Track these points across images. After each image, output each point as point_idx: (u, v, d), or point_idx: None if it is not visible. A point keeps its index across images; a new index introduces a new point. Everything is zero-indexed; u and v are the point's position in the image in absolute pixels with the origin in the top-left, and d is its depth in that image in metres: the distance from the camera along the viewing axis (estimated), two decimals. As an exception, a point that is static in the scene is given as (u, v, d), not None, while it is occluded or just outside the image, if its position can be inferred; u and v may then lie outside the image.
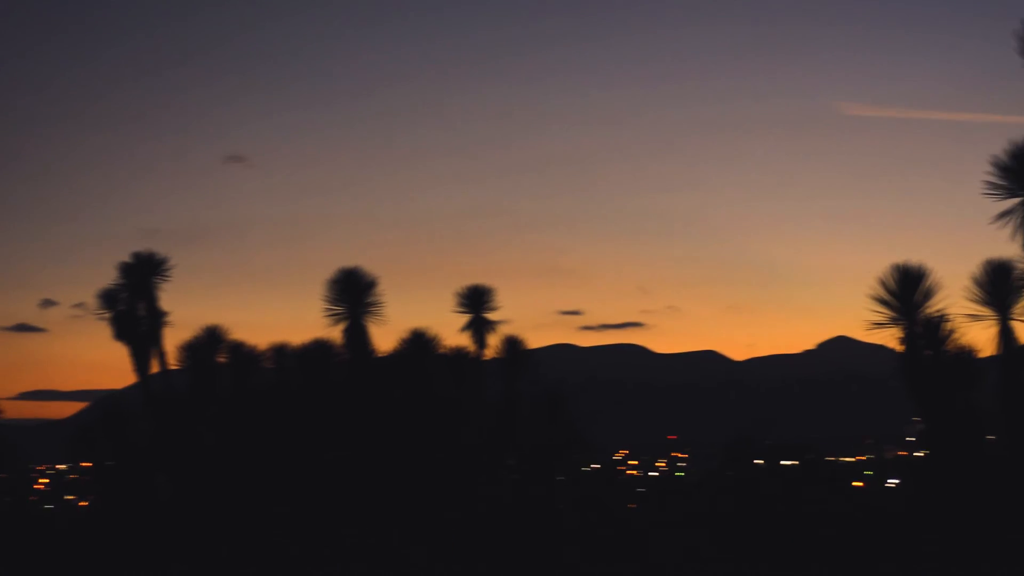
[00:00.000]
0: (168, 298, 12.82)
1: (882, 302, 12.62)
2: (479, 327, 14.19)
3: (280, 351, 13.31)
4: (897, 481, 23.29)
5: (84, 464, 13.14)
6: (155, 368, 12.67)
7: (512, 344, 14.52)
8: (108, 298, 12.72)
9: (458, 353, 14.08)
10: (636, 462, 60.31)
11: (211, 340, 12.82)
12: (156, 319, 12.76)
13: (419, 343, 13.50)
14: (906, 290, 12.70)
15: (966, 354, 12.57)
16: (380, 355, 13.25)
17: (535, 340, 15.03)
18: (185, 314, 12.95)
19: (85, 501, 13.77)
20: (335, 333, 13.08)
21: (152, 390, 12.57)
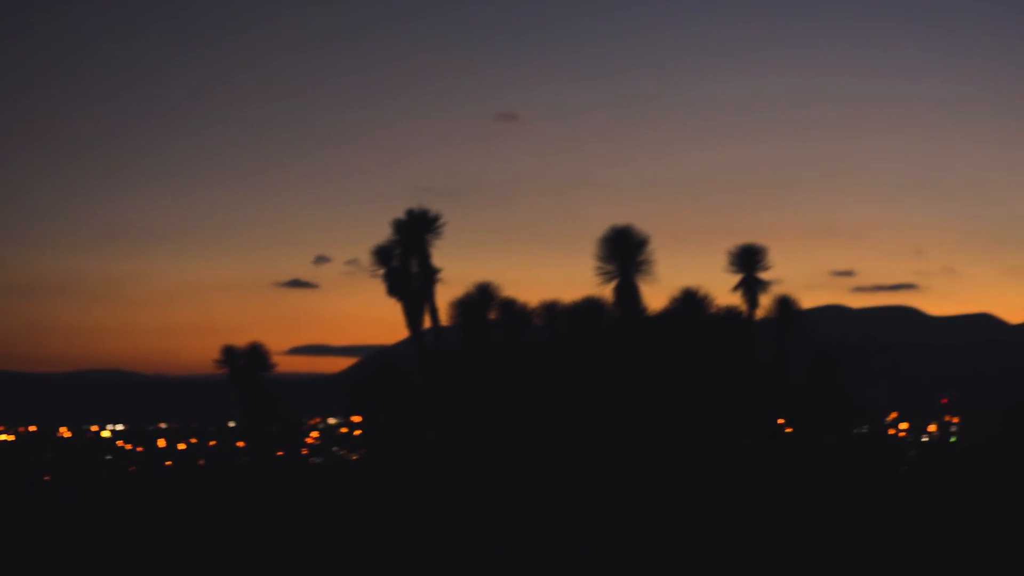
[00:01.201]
0: (440, 255, 12.81)
1: None
2: (750, 287, 13.88)
3: (551, 309, 13.23)
4: None
5: (355, 419, 13.26)
6: (427, 324, 12.69)
7: (784, 304, 14.17)
8: (381, 254, 12.78)
9: (729, 313, 13.81)
10: (907, 425, 59.31)
11: (482, 297, 12.79)
12: (428, 276, 12.77)
13: (690, 302, 13.28)
14: None
15: None
16: (651, 314, 13.08)
17: (807, 300, 14.71)
18: (457, 271, 12.94)
19: (355, 455, 13.94)
20: (605, 291, 12.96)
21: (424, 346, 12.59)
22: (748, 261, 13.95)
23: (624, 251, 12.94)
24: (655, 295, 12.99)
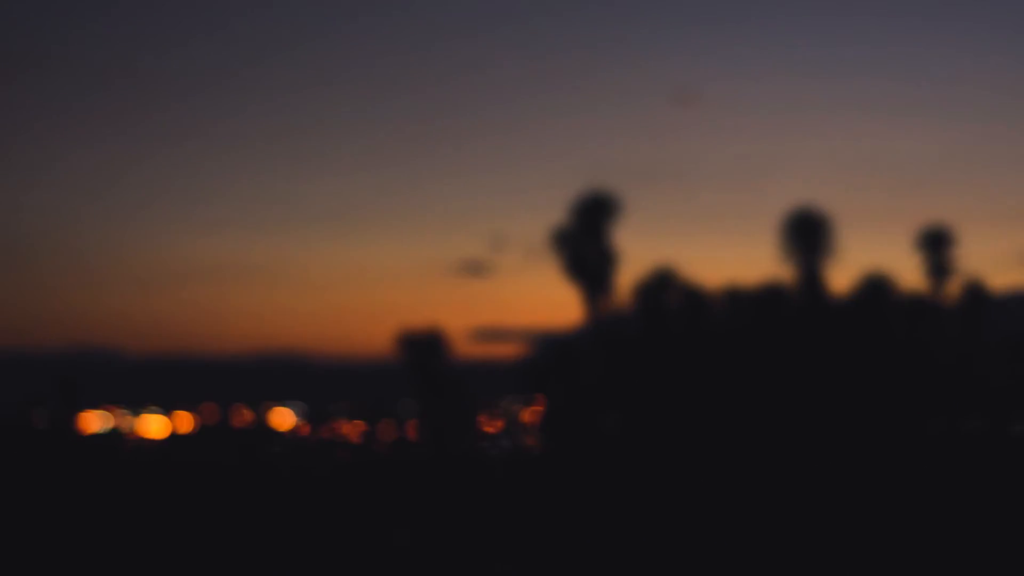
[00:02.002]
0: (619, 238, 12.56)
1: None
2: (938, 270, 13.45)
3: (731, 294, 12.92)
4: None
5: (532, 404, 13.09)
6: (606, 308, 12.45)
7: (973, 289, 13.72)
8: (558, 237, 12.56)
9: (917, 298, 13.39)
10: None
11: (661, 281, 12.51)
12: (606, 259, 12.53)
13: (877, 288, 12.89)
14: None
15: None
16: (835, 300, 12.73)
17: (997, 284, 14.23)
18: (635, 254, 12.65)
19: (533, 440, 13.77)
20: (788, 276, 12.63)
21: (602, 331, 12.35)
22: (935, 243, 13.53)
23: (808, 235, 12.60)
24: (839, 278, 12.64)
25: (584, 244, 12.66)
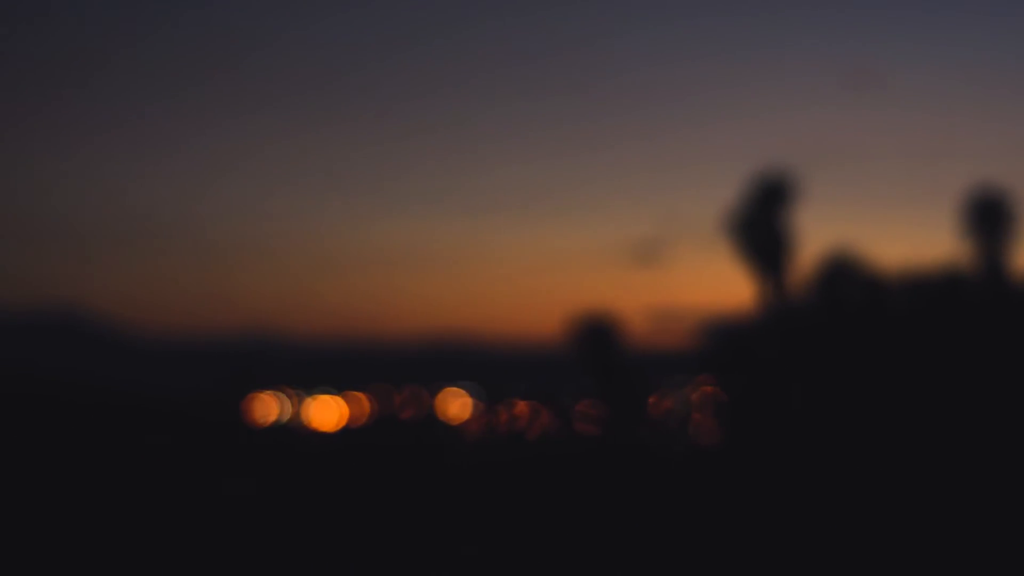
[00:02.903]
0: (795, 219, 12.32)
1: None
2: None
3: (910, 277, 12.60)
4: None
5: (706, 390, 12.91)
6: (781, 292, 12.22)
7: None
8: (733, 219, 12.36)
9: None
10: None
11: (839, 264, 12.24)
12: (783, 241, 12.29)
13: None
14: None
15: None
16: (1019, 284, 12.34)
17: None
18: (812, 236, 12.41)
19: (708, 428, 13.59)
20: (968, 258, 12.28)
21: (778, 315, 12.13)
22: None
23: (988, 215, 12.25)
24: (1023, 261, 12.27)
25: (759, 227, 12.44)
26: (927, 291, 12.41)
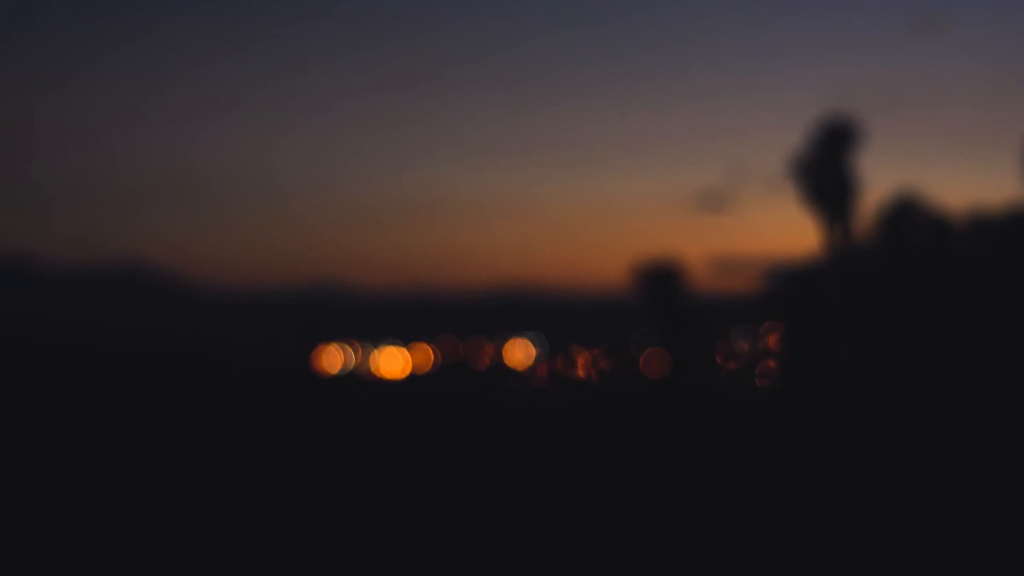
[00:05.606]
0: (860, 164, 12.26)
1: None
2: None
3: (975, 219, 12.52)
4: None
5: (770, 335, 12.89)
6: (847, 237, 12.18)
7: None
8: (798, 165, 12.31)
9: None
10: None
11: (904, 208, 12.18)
12: (848, 186, 12.24)
13: None
14: None
15: None
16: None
17: None
18: (877, 181, 12.37)
19: (773, 372, 13.58)
20: (1031, 200, 12.19)
21: (844, 260, 12.09)
22: None
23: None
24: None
25: (824, 171, 12.40)
26: (992, 233, 12.33)
